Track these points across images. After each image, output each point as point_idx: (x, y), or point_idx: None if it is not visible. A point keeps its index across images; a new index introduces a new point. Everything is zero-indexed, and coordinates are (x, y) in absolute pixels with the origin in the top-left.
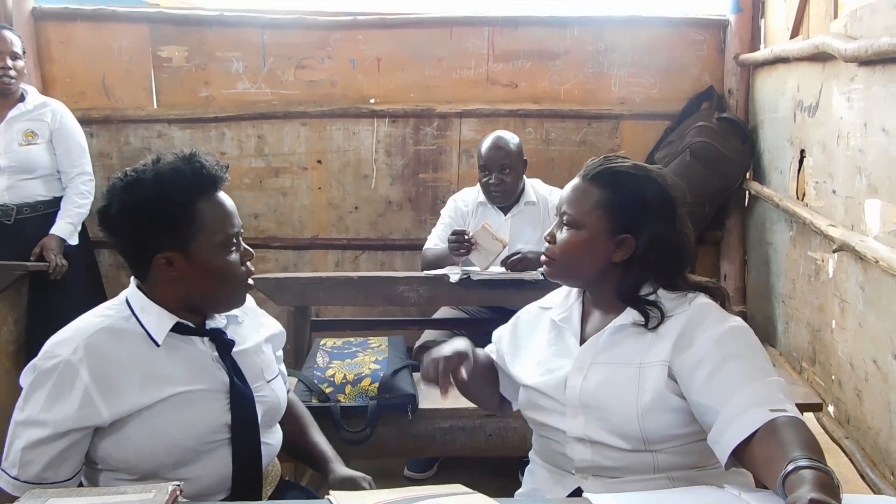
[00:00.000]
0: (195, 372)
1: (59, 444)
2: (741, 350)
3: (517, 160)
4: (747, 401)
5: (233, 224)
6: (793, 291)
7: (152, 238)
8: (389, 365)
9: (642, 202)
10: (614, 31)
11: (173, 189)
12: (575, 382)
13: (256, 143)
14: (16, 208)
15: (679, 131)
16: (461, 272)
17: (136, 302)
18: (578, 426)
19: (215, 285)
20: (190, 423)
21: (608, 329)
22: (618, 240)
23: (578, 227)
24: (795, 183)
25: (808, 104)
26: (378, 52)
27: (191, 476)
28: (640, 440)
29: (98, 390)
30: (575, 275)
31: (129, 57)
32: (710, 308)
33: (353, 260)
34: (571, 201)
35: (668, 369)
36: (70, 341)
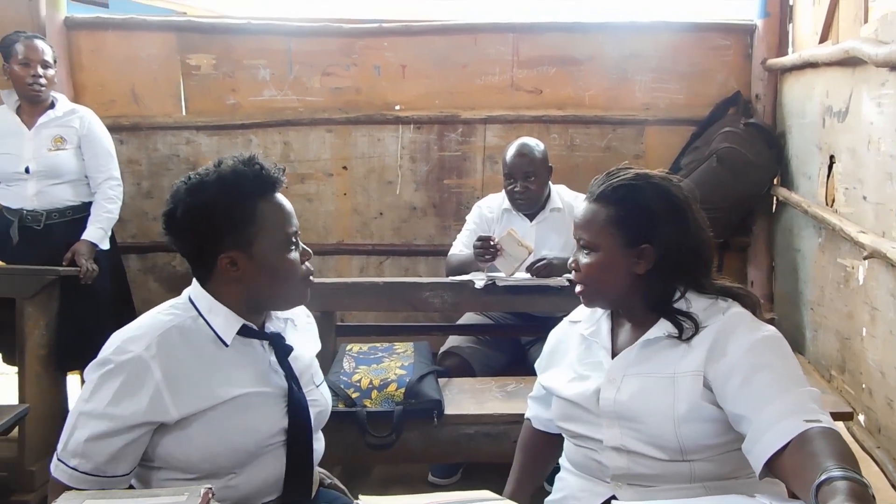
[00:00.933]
0: (256, 375)
1: (122, 438)
2: (774, 359)
3: (542, 167)
4: (781, 411)
5: (291, 223)
6: (821, 298)
7: (216, 239)
8: (415, 370)
9: (648, 210)
10: (639, 36)
11: (236, 191)
12: (608, 395)
13: (282, 149)
14: (45, 214)
15: (705, 137)
16: (486, 278)
17: (202, 303)
18: (614, 436)
19: (277, 283)
20: (251, 426)
21: (640, 342)
22: (636, 251)
23: (595, 249)
24: (824, 189)
25: (837, 109)
26: (403, 59)
27: (246, 477)
28: (678, 450)
29: (168, 388)
30: (606, 295)
31: (158, 65)
32: (744, 317)
33: (378, 266)
34: (583, 225)
35: (703, 378)
36: (143, 338)
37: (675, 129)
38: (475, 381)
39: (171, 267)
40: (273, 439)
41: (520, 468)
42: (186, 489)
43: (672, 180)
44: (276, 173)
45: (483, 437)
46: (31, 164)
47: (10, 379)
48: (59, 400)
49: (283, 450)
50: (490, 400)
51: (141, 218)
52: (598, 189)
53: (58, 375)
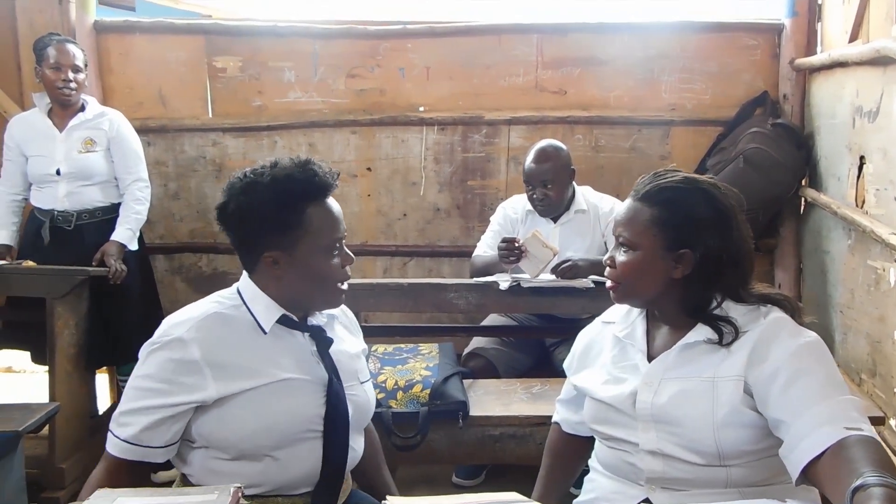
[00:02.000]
0: (297, 362)
1: (161, 412)
2: (816, 366)
3: (561, 173)
4: (821, 417)
5: (338, 229)
6: (851, 301)
7: (263, 238)
8: (440, 371)
9: (693, 216)
10: (664, 37)
11: (286, 195)
12: (646, 398)
13: (307, 151)
14: (76, 214)
15: (732, 138)
16: (511, 279)
17: (247, 292)
18: (650, 440)
19: (313, 287)
20: (291, 409)
21: (679, 346)
22: (675, 255)
23: (635, 248)
24: (854, 190)
25: (867, 109)
26: (427, 61)
27: (283, 463)
28: (716, 455)
29: (209, 367)
30: (639, 295)
31: (185, 67)
32: (786, 322)
33: (402, 266)
34: (625, 223)
35: (743, 384)
36: (185, 323)
37: (702, 130)
38: (500, 382)
39: (198, 267)
40: (311, 425)
41: (548, 472)
42: (216, 488)
43: (720, 187)
44: (329, 178)
45: (508, 439)
46: (62, 166)
47: (39, 377)
48: (88, 398)
49: (319, 441)
50: (515, 402)
51: (168, 219)
52: (645, 188)
53: (87, 374)
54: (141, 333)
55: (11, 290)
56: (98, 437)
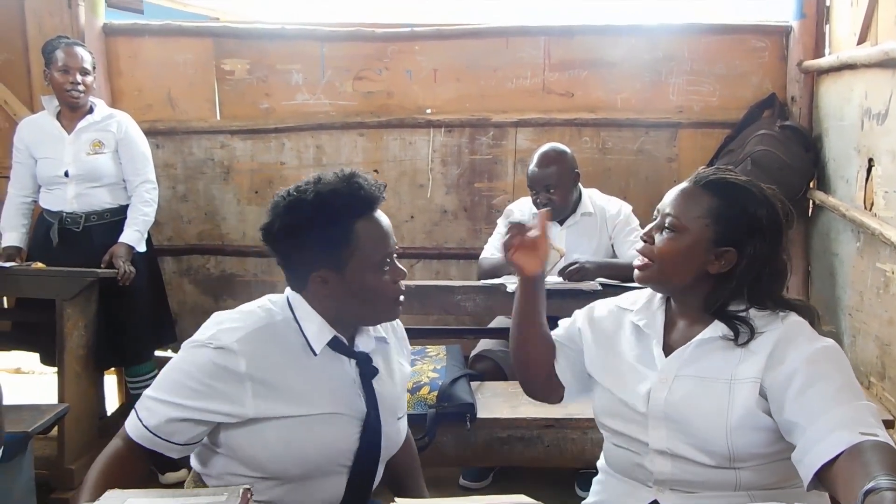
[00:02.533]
0: (339, 394)
1: (187, 412)
2: (833, 371)
3: (564, 178)
4: (836, 422)
5: (388, 244)
6: (860, 304)
7: (310, 257)
8: (448, 374)
9: (753, 218)
10: (672, 39)
11: (332, 210)
12: (660, 395)
13: (315, 153)
14: (84, 216)
15: (740, 140)
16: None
17: (298, 308)
18: (661, 438)
19: (367, 304)
20: (325, 443)
21: (694, 341)
22: (719, 251)
23: (681, 231)
24: (863, 192)
25: (876, 112)
26: (434, 63)
27: (307, 488)
28: (727, 457)
29: (251, 382)
30: (668, 280)
31: (194, 70)
32: (803, 326)
33: (409, 269)
34: (678, 204)
35: (759, 387)
36: (237, 331)
37: (710, 132)
38: (507, 384)
39: (206, 269)
40: (342, 459)
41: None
42: (226, 489)
43: (782, 200)
44: (375, 191)
45: (516, 441)
46: (71, 168)
47: (48, 379)
48: (97, 399)
49: (346, 473)
50: (523, 404)
51: (177, 221)
52: (709, 177)
53: (95, 375)
54: (149, 335)
55: (21, 291)
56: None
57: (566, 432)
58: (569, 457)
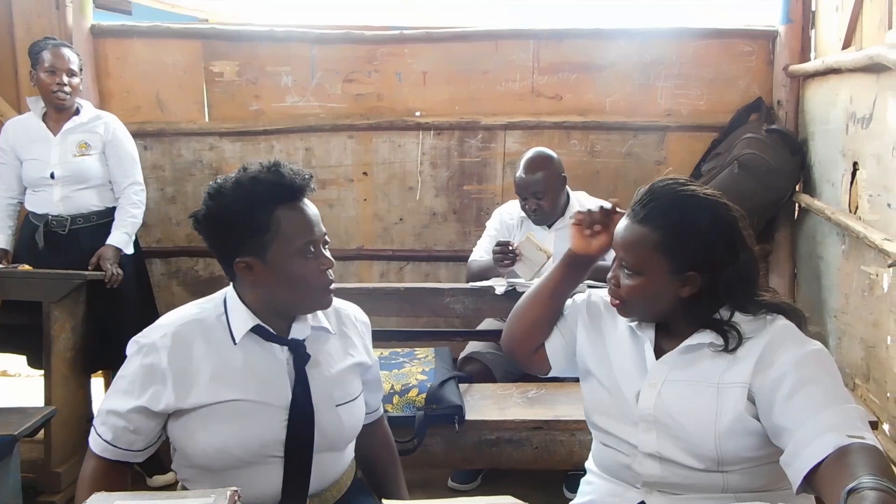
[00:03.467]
0: (263, 382)
1: (129, 415)
2: (821, 374)
3: (552, 183)
4: (824, 425)
5: (312, 232)
6: (846, 306)
7: (233, 243)
8: (436, 376)
9: (700, 236)
10: (660, 43)
11: (251, 198)
12: (648, 398)
13: (304, 155)
14: (70, 219)
15: (727, 143)
16: (507, 284)
17: (230, 300)
18: (650, 441)
19: (291, 290)
20: (242, 434)
21: (682, 346)
22: (682, 277)
23: (639, 273)
24: (848, 196)
25: (861, 116)
26: (424, 66)
27: (241, 481)
28: (715, 461)
29: (172, 377)
30: (645, 314)
31: (183, 72)
32: (791, 330)
33: (398, 271)
34: (628, 246)
35: (748, 391)
36: (163, 328)
37: (697, 136)
38: (496, 386)
39: (195, 271)
40: (267, 450)
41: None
42: (213, 491)
43: (721, 199)
44: (300, 181)
45: (505, 443)
46: (57, 170)
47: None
48: (85, 402)
49: (279, 464)
50: (511, 406)
51: (165, 223)
52: (644, 210)
53: (83, 378)
54: None
55: (8, 293)
56: None
57: (554, 434)
58: (557, 458)
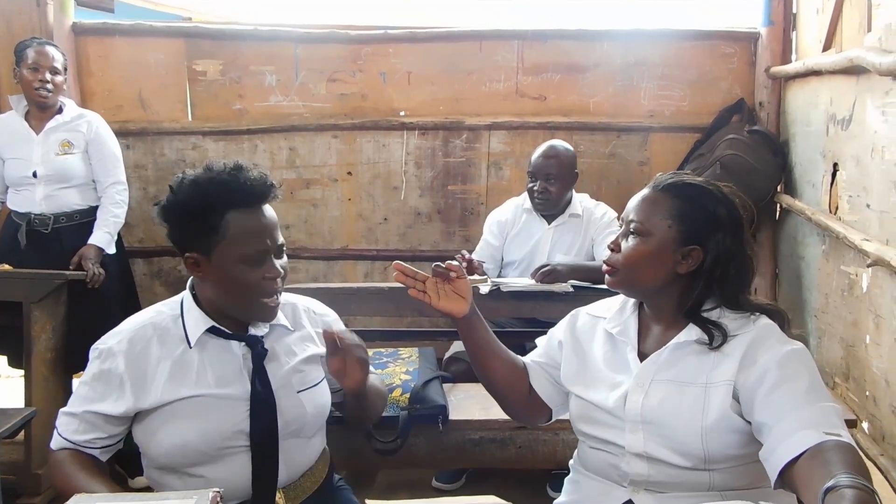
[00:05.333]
0: (222, 377)
1: (85, 417)
2: (801, 373)
3: (565, 171)
4: (802, 422)
5: (263, 241)
6: (826, 306)
7: (186, 238)
8: (420, 376)
9: (713, 216)
10: (644, 44)
11: (205, 197)
12: (636, 399)
13: (288, 155)
14: (53, 217)
15: (709, 144)
16: (491, 283)
17: (186, 302)
18: (638, 442)
19: (232, 296)
20: (203, 427)
21: (670, 346)
22: (685, 251)
23: (646, 235)
24: (828, 196)
25: (841, 117)
26: (408, 66)
27: (209, 478)
28: (702, 459)
29: (129, 380)
30: (638, 284)
31: (166, 70)
32: (774, 329)
33: (383, 271)
34: (641, 209)
35: (733, 389)
36: (120, 333)
37: (680, 137)
38: (480, 386)
39: (178, 271)
40: (231, 442)
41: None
42: (195, 493)
43: (739, 198)
44: (259, 187)
45: (488, 443)
46: (39, 169)
47: (15, 382)
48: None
49: (246, 453)
50: (495, 405)
51: (148, 222)
52: (667, 181)
53: (64, 379)
54: None
55: None
56: None
57: (538, 434)
58: (540, 458)
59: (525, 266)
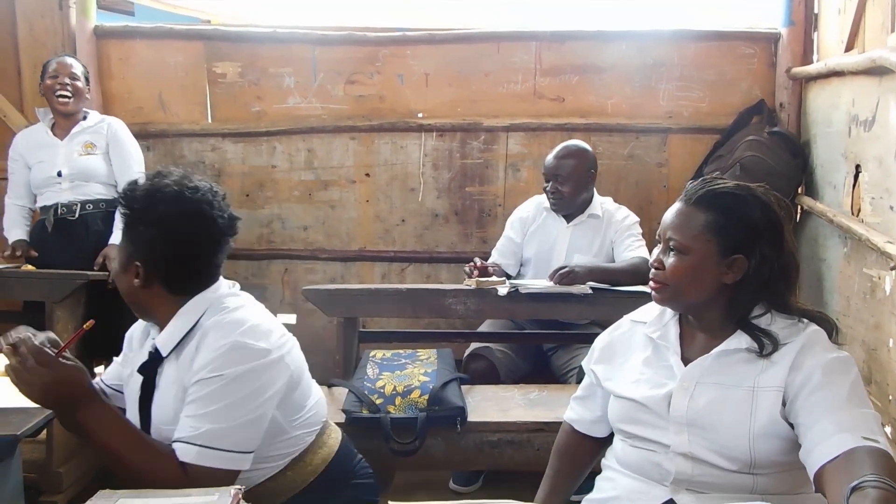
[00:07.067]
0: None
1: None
2: (844, 379)
3: (577, 172)
4: (840, 425)
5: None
6: (847, 309)
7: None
8: (438, 377)
9: (749, 222)
10: (662, 45)
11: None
12: (681, 401)
13: (306, 156)
14: (80, 205)
15: (729, 145)
16: (509, 285)
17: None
18: (682, 442)
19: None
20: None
21: (716, 352)
22: (728, 261)
23: (686, 252)
24: (850, 198)
25: (863, 118)
26: (426, 67)
27: None
28: (748, 463)
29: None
30: (686, 299)
31: (185, 73)
32: (822, 336)
33: (400, 272)
34: (676, 226)
35: (783, 395)
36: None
37: (699, 138)
38: (498, 388)
39: None
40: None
41: (555, 474)
42: (217, 490)
43: (772, 196)
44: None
45: (506, 445)
46: (63, 168)
47: None
48: None
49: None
50: (513, 407)
51: None
52: (698, 193)
53: None
54: None
55: (9, 294)
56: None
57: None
58: None
59: (541, 264)
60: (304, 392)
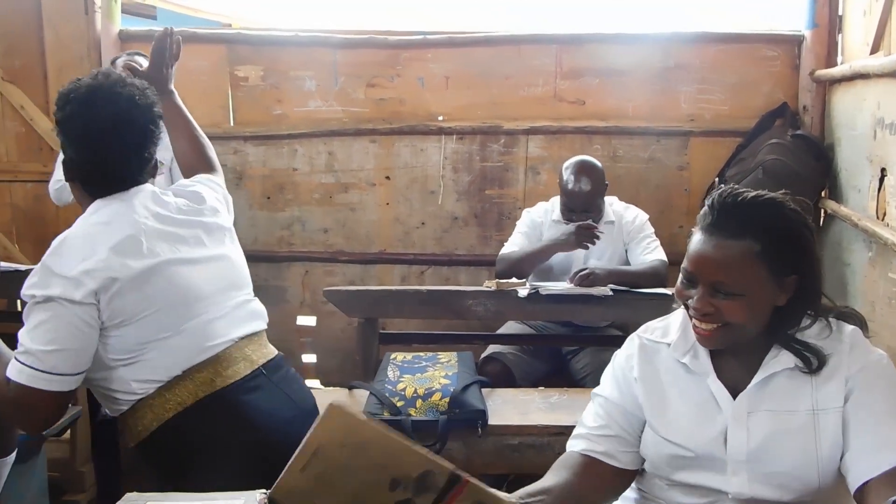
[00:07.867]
0: None
1: None
2: (883, 384)
3: (600, 196)
4: (884, 439)
5: None
6: (872, 314)
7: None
8: (459, 380)
9: (795, 239)
10: (683, 47)
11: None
12: (739, 436)
13: (327, 159)
14: None
15: (751, 148)
16: (530, 287)
17: None
18: (741, 484)
19: None
20: None
21: (763, 374)
22: (780, 282)
23: (741, 293)
24: (875, 202)
25: (889, 121)
26: (446, 71)
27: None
28: (814, 490)
29: None
30: (744, 336)
31: (207, 76)
32: (859, 336)
33: (419, 275)
34: (723, 267)
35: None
36: None
37: (721, 141)
38: (518, 391)
39: None
40: None
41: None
42: (242, 494)
43: (796, 202)
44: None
45: (527, 448)
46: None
47: None
48: None
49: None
50: (533, 411)
51: None
52: (734, 221)
53: None
54: None
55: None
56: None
57: None
58: None
59: (559, 273)
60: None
